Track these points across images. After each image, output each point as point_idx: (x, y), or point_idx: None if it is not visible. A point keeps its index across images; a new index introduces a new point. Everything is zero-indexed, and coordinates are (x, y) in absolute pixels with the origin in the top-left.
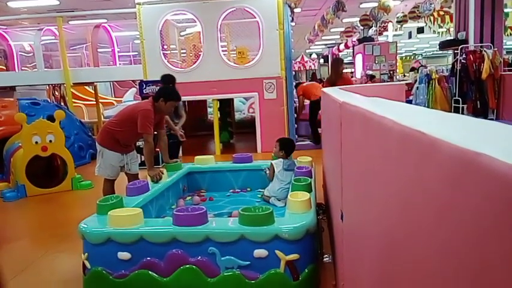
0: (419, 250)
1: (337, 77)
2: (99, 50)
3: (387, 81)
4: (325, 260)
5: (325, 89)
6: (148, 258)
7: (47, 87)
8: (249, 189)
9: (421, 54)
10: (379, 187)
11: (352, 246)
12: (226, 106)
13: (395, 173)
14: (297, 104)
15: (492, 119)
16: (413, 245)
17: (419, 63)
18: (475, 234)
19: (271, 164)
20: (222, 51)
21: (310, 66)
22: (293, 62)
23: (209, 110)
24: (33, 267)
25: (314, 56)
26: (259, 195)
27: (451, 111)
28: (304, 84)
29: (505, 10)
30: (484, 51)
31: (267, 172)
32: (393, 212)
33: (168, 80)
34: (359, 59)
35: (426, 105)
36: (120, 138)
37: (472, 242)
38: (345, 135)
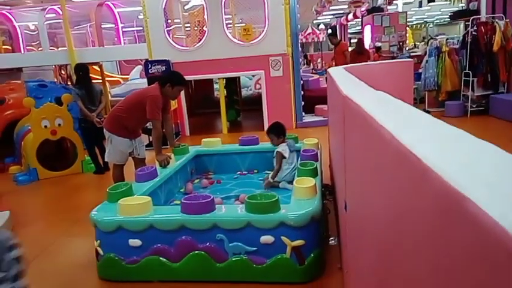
0: (411, 256)
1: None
2: (103, 27)
3: (396, 53)
4: (330, 242)
5: (330, 71)
6: (158, 245)
7: (54, 67)
8: (256, 171)
9: (432, 22)
10: (376, 191)
11: (354, 236)
12: (232, 84)
13: (390, 185)
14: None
15: (503, 92)
16: (406, 250)
17: None
18: (454, 262)
19: (278, 152)
20: (227, 24)
21: (323, 37)
22: (301, 34)
23: (215, 86)
24: (48, 252)
25: (322, 26)
26: (261, 179)
27: (461, 85)
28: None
29: None
30: (496, 22)
31: (268, 179)
32: (388, 218)
33: (80, 69)
34: (368, 30)
35: (436, 78)
36: (128, 124)
37: (454, 267)
38: (347, 129)
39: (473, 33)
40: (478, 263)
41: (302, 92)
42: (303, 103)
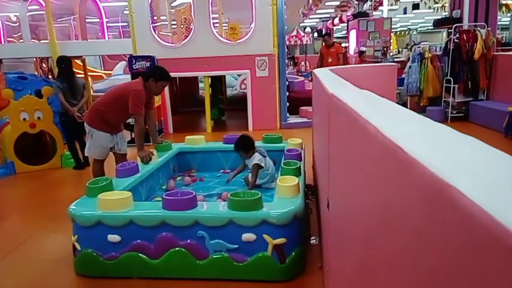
0: (399, 250)
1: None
2: (87, 21)
3: (381, 58)
4: (312, 241)
5: (316, 71)
6: (138, 241)
7: (35, 60)
8: None
9: (416, 30)
10: (362, 187)
11: (337, 235)
12: (217, 82)
13: (376, 179)
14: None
15: (482, 100)
16: (393, 243)
17: None
18: (443, 254)
19: (254, 165)
20: (214, 24)
21: (307, 40)
22: (287, 36)
23: (200, 85)
24: (24, 247)
25: (308, 30)
26: (243, 178)
27: (442, 91)
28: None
29: None
30: (478, 31)
31: (249, 179)
32: (375, 212)
33: (62, 61)
34: (353, 34)
35: (418, 84)
36: (109, 118)
37: (443, 259)
38: (332, 128)
39: (456, 40)
40: (466, 251)
41: (287, 93)
42: (287, 104)
